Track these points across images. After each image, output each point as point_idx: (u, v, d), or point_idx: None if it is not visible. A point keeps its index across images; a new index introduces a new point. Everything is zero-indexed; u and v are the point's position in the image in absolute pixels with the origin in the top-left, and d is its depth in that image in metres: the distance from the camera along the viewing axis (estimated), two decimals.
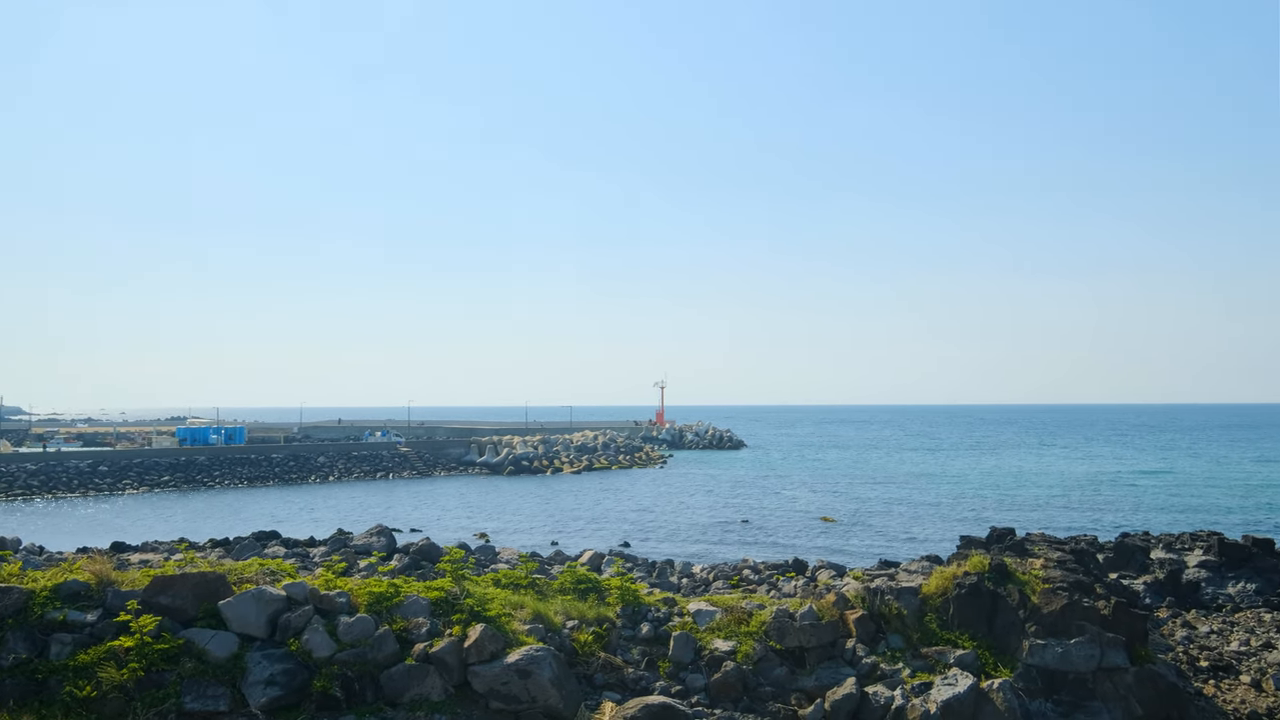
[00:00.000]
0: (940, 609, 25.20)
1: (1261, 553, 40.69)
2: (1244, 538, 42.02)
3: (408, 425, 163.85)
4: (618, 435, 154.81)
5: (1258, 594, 38.47)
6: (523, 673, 20.88)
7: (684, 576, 42.53)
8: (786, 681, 23.31)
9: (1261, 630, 34.02)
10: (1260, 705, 26.58)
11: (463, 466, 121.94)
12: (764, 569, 44.19)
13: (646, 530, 66.15)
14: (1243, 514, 73.55)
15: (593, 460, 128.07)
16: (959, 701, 21.65)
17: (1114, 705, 23.24)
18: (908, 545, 57.71)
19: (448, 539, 56.70)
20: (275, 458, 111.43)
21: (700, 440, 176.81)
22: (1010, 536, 37.85)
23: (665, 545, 59.07)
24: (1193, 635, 33.15)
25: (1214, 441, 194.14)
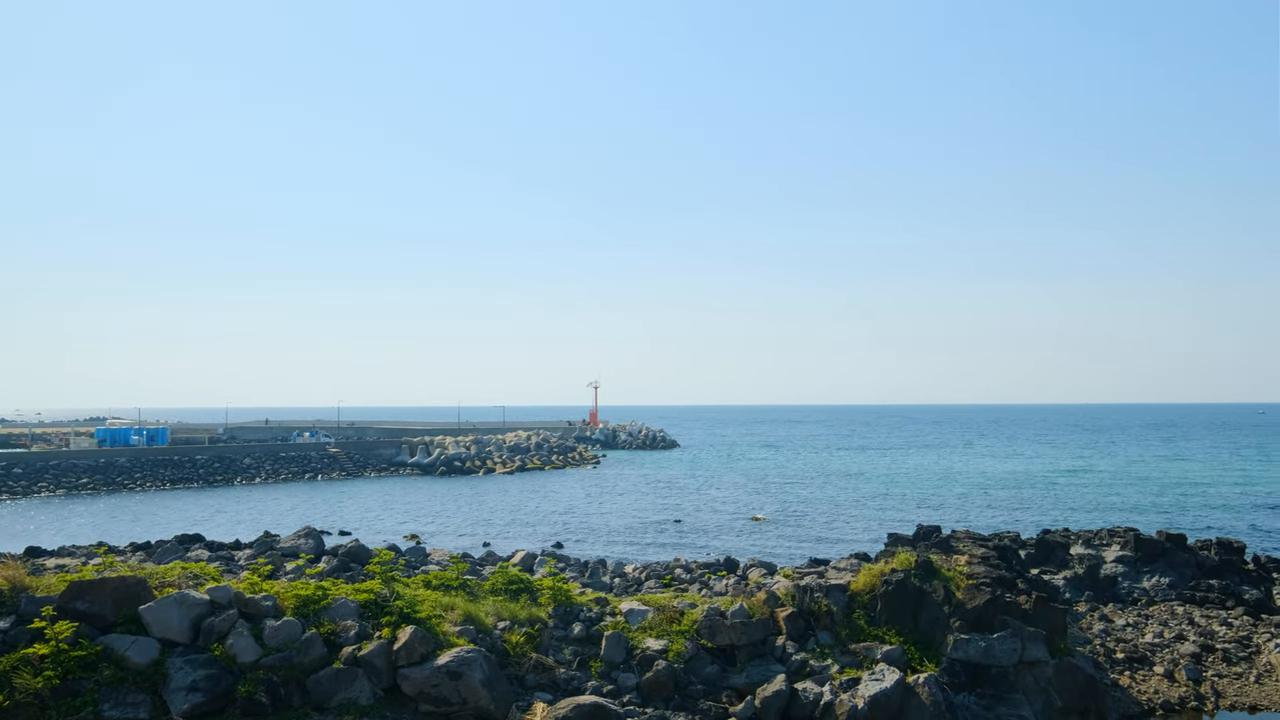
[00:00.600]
0: (868, 605, 25.62)
1: (1175, 548, 42.04)
2: (1159, 533, 43.36)
3: (337, 426, 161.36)
4: (551, 435, 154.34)
5: (1171, 588, 39.74)
6: (453, 674, 20.73)
7: (616, 576, 42.58)
8: (718, 679, 23.49)
9: (1174, 623, 35.17)
10: (1172, 695, 27.48)
11: (394, 467, 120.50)
12: (696, 568, 44.43)
13: (579, 530, 66.08)
14: (1157, 511, 75.93)
15: (526, 461, 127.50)
16: (886, 696, 22.02)
17: (1035, 698, 23.86)
18: (837, 543, 58.47)
19: (378, 541, 55.97)
20: (199, 459, 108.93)
21: (634, 440, 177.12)
22: (936, 534, 38.63)
23: (598, 545, 59.05)
24: (1110, 628, 34.13)
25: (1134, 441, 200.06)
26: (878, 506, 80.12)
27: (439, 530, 66.46)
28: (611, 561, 45.86)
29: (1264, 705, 26.99)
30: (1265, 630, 34.26)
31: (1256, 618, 36.19)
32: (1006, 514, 74.30)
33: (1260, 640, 32.75)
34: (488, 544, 58.68)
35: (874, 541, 54.73)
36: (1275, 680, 28.90)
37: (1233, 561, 41.86)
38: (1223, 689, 28.14)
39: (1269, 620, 35.74)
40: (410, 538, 60.94)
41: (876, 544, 50.73)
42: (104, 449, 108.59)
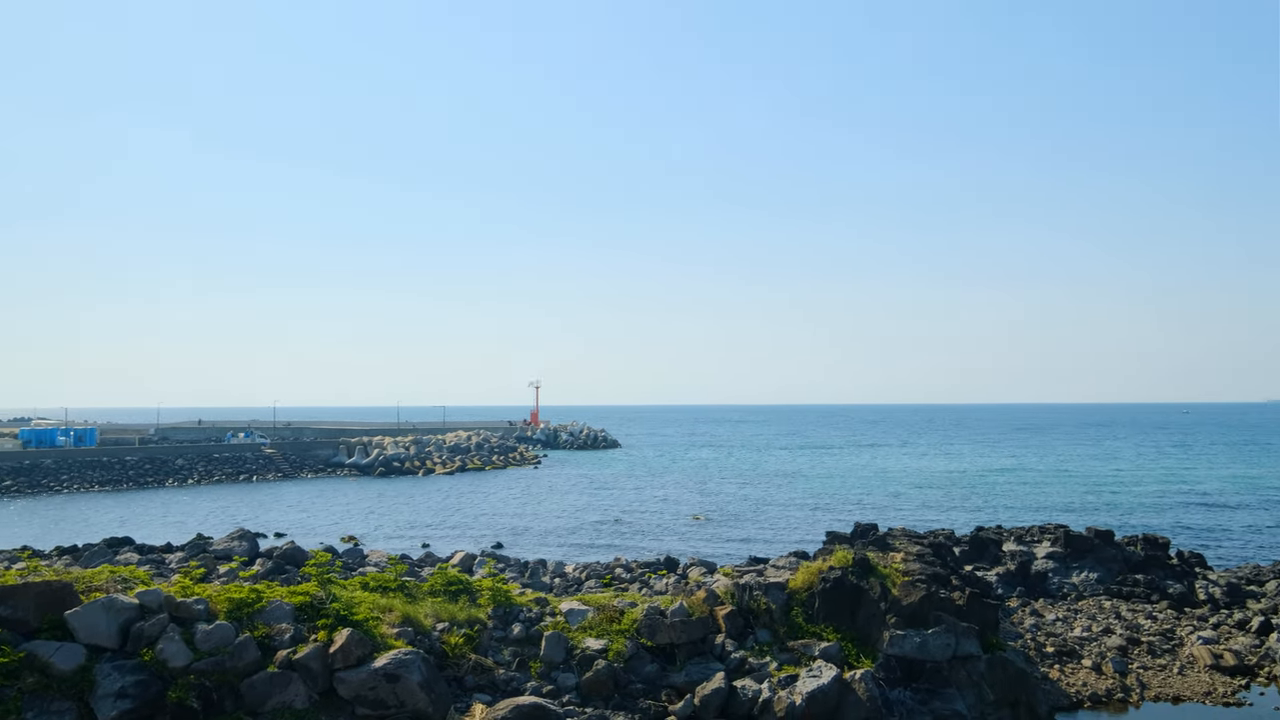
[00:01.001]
0: (806, 603, 25.87)
1: (1103, 544, 43.11)
2: (1088, 530, 44.43)
3: (273, 426, 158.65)
4: (492, 436, 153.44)
5: (1099, 582, 40.75)
6: (391, 677, 20.51)
7: (556, 576, 42.48)
8: (657, 678, 23.55)
9: (1102, 617, 36.07)
10: (1100, 687, 28.19)
11: (331, 468, 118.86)
12: (636, 567, 44.50)
13: (519, 531, 65.80)
14: (1087, 508, 77.81)
15: (466, 461, 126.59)
16: (823, 693, 22.26)
17: (968, 691, 24.29)
18: (777, 542, 58.95)
19: (314, 543, 55.15)
20: (129, 460, 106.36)
21: (575, 440, 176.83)
22: (873, 532, 39.14)
23: (538, 545, 58.86)
24: (1040, 623, 34.89)
25: (1067, 441, 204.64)
26: (816, 505, 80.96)
27: (377, 532, 65.70)
28: (552, 562, 45.75)
29: (1187, 696, 27.79)
30: (1188, 623, 35.30)
31: (1180, 611, 37.27)
32: (942, 512, 75.56)
33: (1183, 633, 33.72)
34: (427, 545, 58.17)
35: (813, 540, 55.30)
36: (1197, 671, 29.77)
37: (1158, 557, 43.04)
38: (1148, 680, 28.92)
39: (1192, 613, 36.83)
40: (348, 539, 60.16)
41: (815, 542, 51.27)
42: (29, 450, 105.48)
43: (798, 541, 57.18)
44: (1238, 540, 59.85)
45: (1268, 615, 36.13)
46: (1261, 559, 51.60)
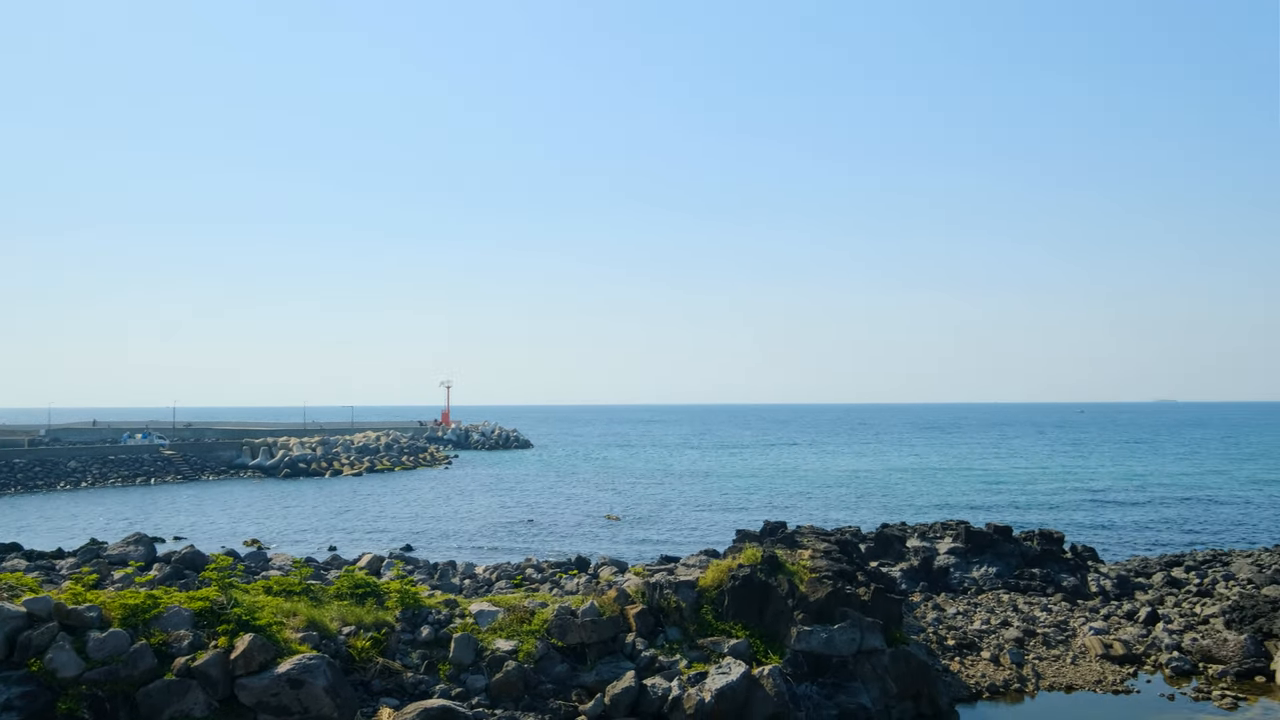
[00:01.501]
0: (716, 601, 26.13)
1: (1001, 539, 44.47)
2: (987, 526, 45.79)
3: (172, 427, 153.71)
4: (401, 436, 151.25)
5: (998, 577, 42.03)
6: (295, 682, 20.09)
7: (466, 578, 42.11)
8: (568, 678, 23.53)
9: (1000, 610, 37.22)
10: (998, 678, 29.09)
11: (234, 470, 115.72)
12: (547, 567, 44.37)
13: (429, 532, 65.02)
14: (986, 505, 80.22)
15: (375, 461, 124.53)
16: (732, 689, 22.51)
17: (872, 685, 24.83)
18: (688, 540, 59.39)
19: (215, 547, 53.63)
20: (17, 463, 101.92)
21: (487, 440, 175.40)
22: (782, 529, 39.70)
23: (448, 547, 58.26)
24: (942, 617, 35.84)
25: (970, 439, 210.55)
26: (727, 504, 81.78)
27: (282, 535, 64.22)
28: (462, 563, 45.32)
29: (1079, 685, 28.86)
30: (1081, 614, 36.68)
31: (1073, 603, 38.69)
32: (849, 510, 77.06)
33: (1076, 624, 35.02)
34: (334, 548, 57.07)
35: (723, 538, 55.83)
36: (1089, 661, 30.94)
37: (1053, 551, 44.58)
38: (1043, 670, 29.94)
39: (1084, 605, 38.27)
40: (251, 543, 58.68)
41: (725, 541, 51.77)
42: None
43: (708, 540, 57.70)
44: (1127, 535, 62.36)
45: (1154, 606, 37.75)
46: (1149, 553, 53.85)
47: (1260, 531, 63.88)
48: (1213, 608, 37.33)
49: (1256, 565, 46.20)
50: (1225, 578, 43.70)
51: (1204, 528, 65.68)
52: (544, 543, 59.75)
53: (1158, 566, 46.80)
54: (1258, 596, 38.15)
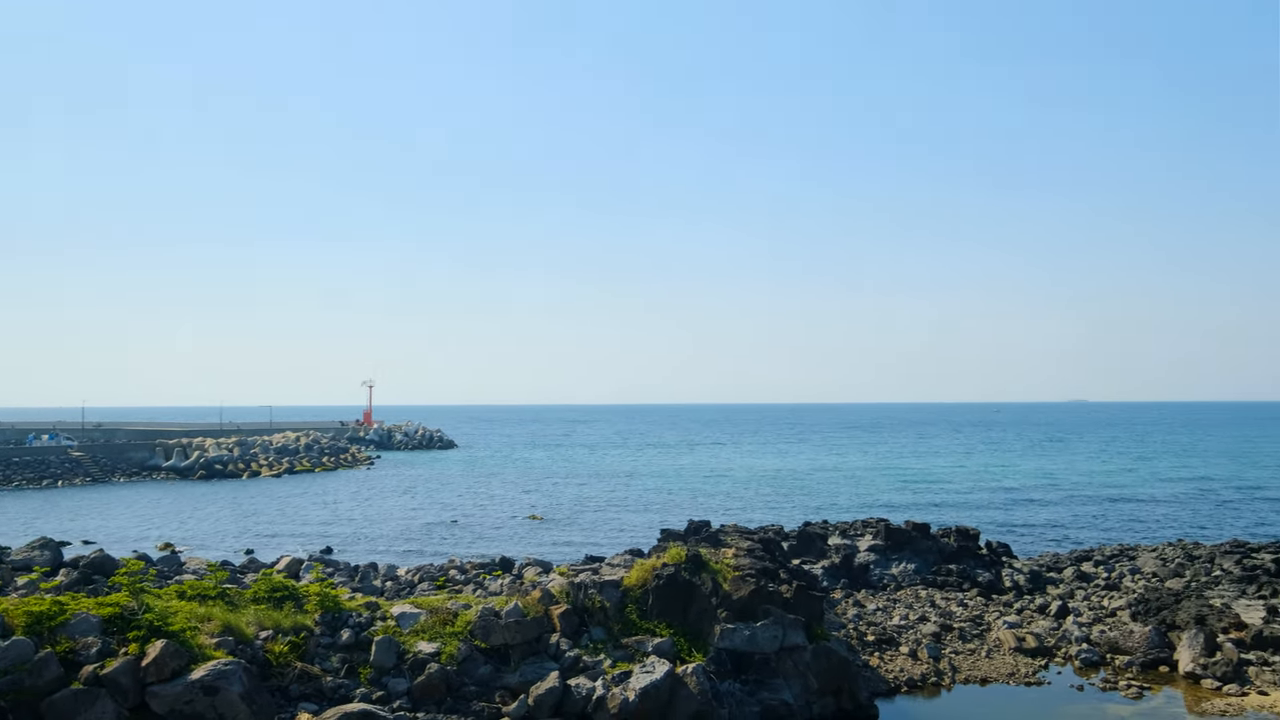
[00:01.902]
0: (641, 600, 26.20)
1: (920, 536, 45.40)
2: (906, 523, 46.68)
3: (81, 427, 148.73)
4: (322, 436, 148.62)
5: (916, 573, 42.90)
6: (209, 689, 19.62)
7: (388, 579, 41.57)
8: (491, 680, 23.38)
9: (919, 606, 38.00)
10: (915, 672, 29.70)
11: (147, 471, 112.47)
12: (471, 568, 44.00)
13: (350, 534, 64.01)
14: (905, 503, 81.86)
15: (294, 463, 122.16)
16: (656, 688, 22.60)
17: (794, 681, 25.14)
18: (613, 540, 59.44)
19: (126, 551, 52.09)
20: None
21: (410, 441, 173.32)
22: (706, 528, 39.95)
23: (370, 549, 57.43)
24: (862, 613, 36.45)
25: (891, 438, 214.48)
26: (652, 504, 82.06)
27: (197, 538, 62.62)
28: (383, 565, 44.72)
29: (993, 677, 29.61)
30: (995, 609, 37.63)
31: (988, 598, 39.68)
32: (773, 508, 77.91)
33: (991, 618, 35.93)
34: (251, 551, 55.85)
35: (648, 538, 56.02)
36: (1003, 654, 31.76)
37: (969, 547, 45.65)
38: (959, 664, 30.65)
39: (998, 600, 39.27)
40: (164, 547, 57.11)
41: (650, 540, 51.93)
42: None
43: (633, 540, 57.83)
44: (1039, 531, 64.17)
45: (1064, 600, 38.92)
46: (1060, 548, 55.47)
47: (1164, 527, 66.26)
48: (1120, 601, 38.62)
49: (1160, 559, 47.92)
50: (1132, 571, 45.26)
51: (1112, 523, 67.92)
52: (468, 544, 59.27)
53: (1068, 561, 48.23)
54: (1161, 589, 39.57)
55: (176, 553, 50.27)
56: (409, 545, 59.17)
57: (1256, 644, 30.42)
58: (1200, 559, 47.87)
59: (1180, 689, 28.48)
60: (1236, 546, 50.79)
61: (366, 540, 61.25)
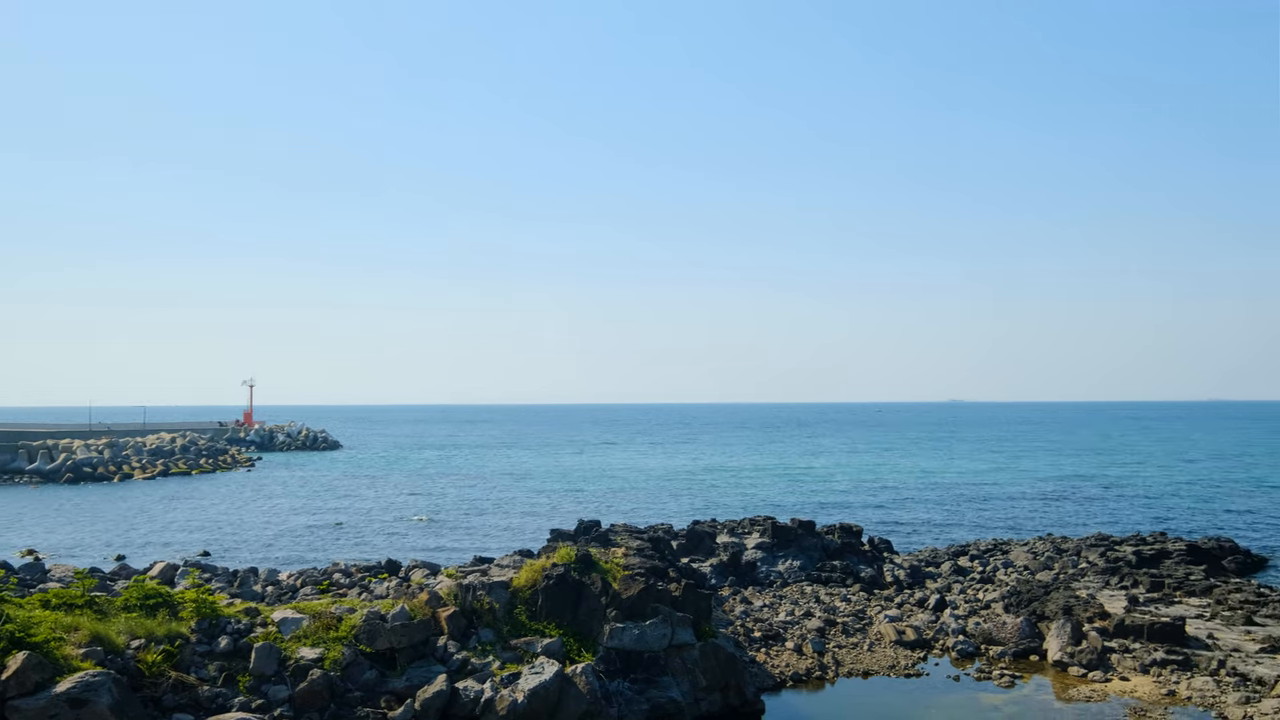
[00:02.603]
0: (530, 601, 26.08)
1: (805, 533, 46.37)
2: (792, 521, 47.61)
3: None
4: (200, 437, 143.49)
5: (802, 569, 43.78)
6: (76, 702, 18.74)
7: (269, 584, 40.38)
8: (377, 685, 22.94)
9: (804, 601, 38.79)
10: (801, 667, 30.32)
11: (9, 475, 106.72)
12: (356, 572, 43.06)
13: (230, 538, 61.95)
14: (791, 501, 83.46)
15: (170, 465, 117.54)
16: (545, 689, 22.52)
17: (682, 679, 25.37)
18: (502, 541, 59.02)
19: None
20: None
21: (293, 441, 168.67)
22: (596, 528, 40.03)
23: (250, 553, 55.70)
24: (749, 609, 37.02)
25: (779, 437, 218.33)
26: (542, 504, 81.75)
27: (63, 544, 59.69)
28: (264, 569, 43.40)
29: (875, 670, 30.45)
30: (877, 603, 38.70)
31: (870, 593, 40.77)
32: (662, 507, 78.46)
33: (873, 613, 36.94)
34: (122, 557, 53.54)
35: (538, 538, 55.80)
36: (884, 647, 32.68)
37: (852, 544, 46.84)
38: (842, 658, 31.41)
39: (880, 594, 40.40)
40: (27, 553, 54.25)
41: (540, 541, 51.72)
42: None
43: (523, 540, 57.53)
44: (919, 526, 66.27)
45: (942, 594, 40.25)
46: (938, 543, 57.38)
47: (1035, 522, 69.19)
48: (994, 593, 40.15)
49: (1031, 553, 50.01)
50: (1005, 565, 47.12)
51: (987, 519, 70.60)
52: (353, 546, 58.04)
53: (946, 556, 49.93)
54: (1032, 582, 41.30)
55: (40, 560, 47.81)
56: (291, 549, 57.61)
57: (1119, 632, 32.03)
58: (1068, 552, 50.17)
59: (1049, 677, 29.79)
60: (1101, 540, 53.40)
61: (246, 544, 59.39)
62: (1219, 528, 64.35)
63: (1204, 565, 47.05)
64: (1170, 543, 51.70)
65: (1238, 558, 49.23)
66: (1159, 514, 73.51)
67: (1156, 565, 46.94)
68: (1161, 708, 26.39)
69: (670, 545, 41.71)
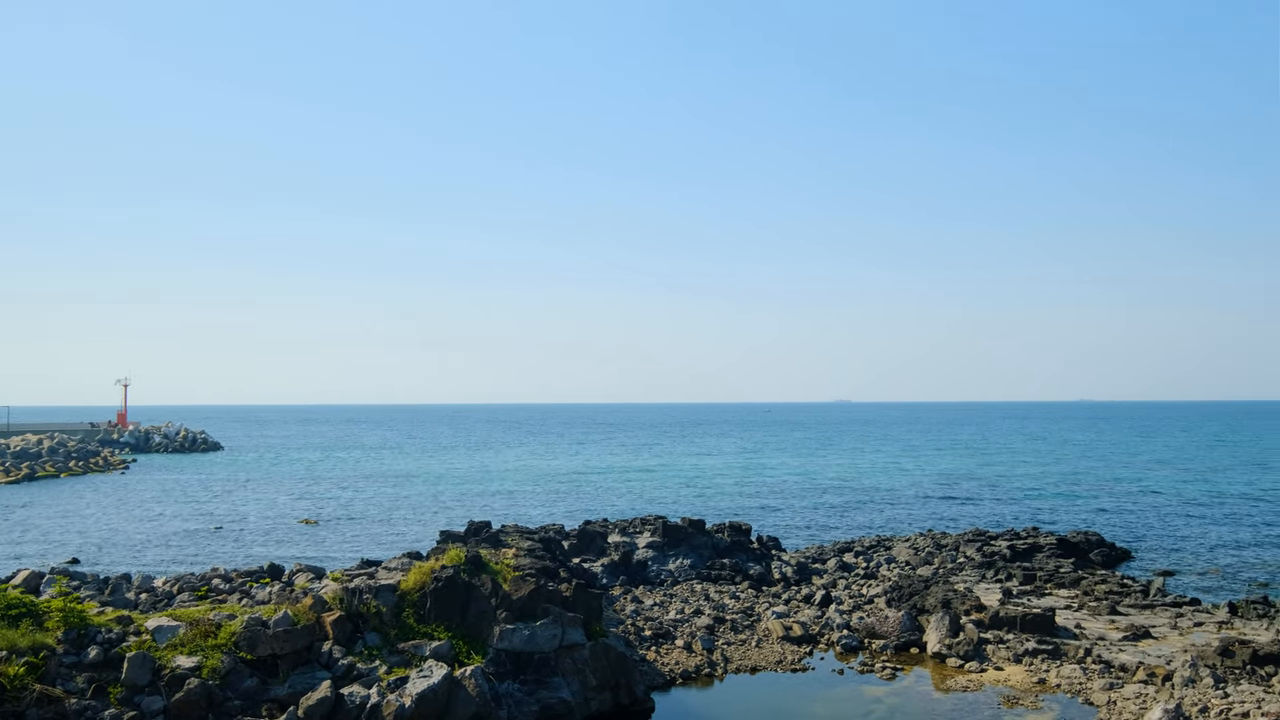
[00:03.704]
0: (418, 603, 25.70)
1: (695, 532, 46.83)
2: (683, 520, 48.03)
3: None
4: (69, 439, 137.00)
5: (692, 568, 44.21)
6: None
7: (143, 591, 38.80)
8: (258, 693, 22.29)
9: (694, 600, 39.18)
10: (690, 664, 30.62)
11: None
12: (237, 577, 41.75)
13: (101, 543, 59.31)
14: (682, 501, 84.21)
15: (36, 467, 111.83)
16: (433, 692, 22.24)
17: (573, 679, 25.36)
18: (390, 543, 57.99)
19: None
20: None
21: (170, 443, 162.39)
22: (486, 529, 39.66)
23: (123, 559, 53.45)
24: (640, 609, 37.21)
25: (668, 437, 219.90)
26: (432, 506, 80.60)
27: None
28: (138, 576, 41.68)
29: (763, 665, 30.96)
30: (765, 600, 39.36)
31: (759, 590, 41.43)
32: (554, 507, 78.21)
33: (761, 609, 37.54)
34: None
35: (427, 540, 55.01)
36: (772, 643, 33.25)
37: (741, 542, 47.52)
38: (731, 655, 31.84)
39: (768, 591, 41.08)
40: None
41: (430, 542, 50.99)
42: None
43: (412, 543, 56.67)
44: (806, 524, 67.67)
45: (828, 589, 41.18)
46: (823, 540, 58.67)
47: (916, 518, 71.37)
48: (877, 588, 41.27)
49: (913, 549, 51.57)
50: (888, 561, 48.47)
51: (871, 516, 72.51)
52: (233, 551, 56.23)
53: (832, 553, 51.10)
54: (913, 577, 42.58)
55: None
56: (167, 554, 55.49)
57: (994, 624, 33.29)
58: (947, 548, 51.91)
59: (929, 668, 30.77)
60: (978, 535, 55.42)
61: (119, 550, 56.95)
62: (1087, 522, 67.50)
63: (1073, 558, 49.30)
64: (1042, 537, 54.02)
65: (1103, 550, 51.72)
66: (1032, 510, 76.66)
67: (1029, 559, 48.98)
68: (1033, 695, 27.53)
69: (561, 545, 41.62)
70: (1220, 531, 63.03)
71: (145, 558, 54.21)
